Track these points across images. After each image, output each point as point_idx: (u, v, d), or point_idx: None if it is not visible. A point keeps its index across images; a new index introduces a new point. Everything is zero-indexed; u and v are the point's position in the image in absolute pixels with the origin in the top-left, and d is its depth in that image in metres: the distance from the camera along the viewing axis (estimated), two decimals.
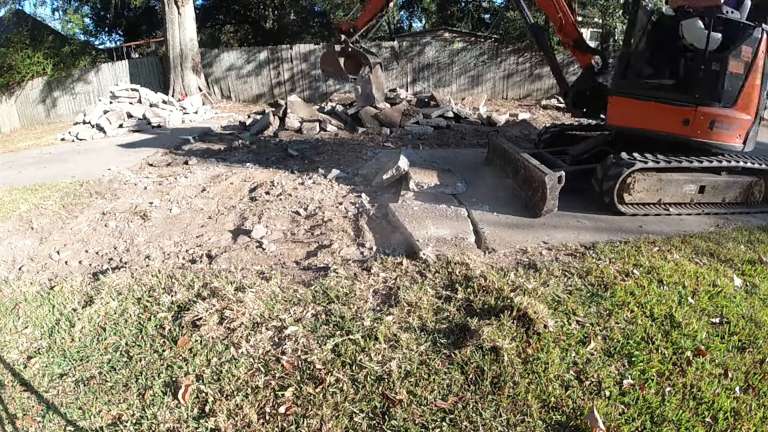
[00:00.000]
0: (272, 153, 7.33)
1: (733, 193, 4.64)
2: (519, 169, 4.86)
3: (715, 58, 4.22)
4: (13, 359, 2.58)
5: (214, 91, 15.25)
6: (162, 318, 2.81)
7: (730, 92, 4.29)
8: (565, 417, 2.08)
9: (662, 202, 4.52)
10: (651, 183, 4.41)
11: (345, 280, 3.15)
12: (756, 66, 4.28)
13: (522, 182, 4.76)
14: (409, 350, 2.46)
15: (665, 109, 4.44)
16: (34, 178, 6.30)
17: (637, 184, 4.37)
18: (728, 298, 2.97)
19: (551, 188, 4.16)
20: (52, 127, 13.42)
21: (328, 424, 2.05)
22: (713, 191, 4.57)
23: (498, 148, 5.64)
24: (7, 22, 17.16)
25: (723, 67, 4.19)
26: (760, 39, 4.23)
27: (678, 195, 4.52)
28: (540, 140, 6.24)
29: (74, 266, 3.70)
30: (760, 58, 4.27)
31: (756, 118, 4.48)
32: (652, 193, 4.46)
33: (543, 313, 2.65)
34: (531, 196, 4.49)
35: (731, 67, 4.21)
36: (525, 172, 4.70)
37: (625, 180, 4.33)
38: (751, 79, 4.30)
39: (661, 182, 4.43)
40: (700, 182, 4.49)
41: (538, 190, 4.33)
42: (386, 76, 15.06)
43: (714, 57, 4.22)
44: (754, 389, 2.26)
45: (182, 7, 13.55)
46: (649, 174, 4.40)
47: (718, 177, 4.57)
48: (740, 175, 4.65)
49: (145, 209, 4.80)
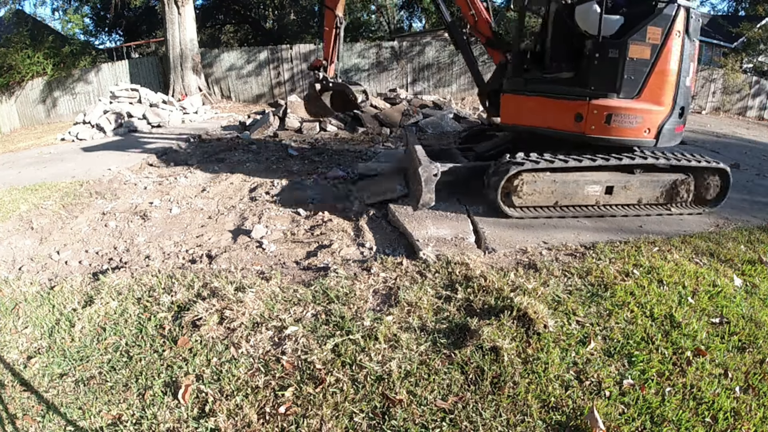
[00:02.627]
0: (272, 153, 7.33)
1: (652, 193, 4.20)
2: (413, 162, 4.56)
3: (612, 44, 3.74)
4: (13, 359, 2.58)
5: (214, 91, 15.26)
6: (162, 318, 2.81)
7: (632, 81, 3.79)
8: (565, 417, 2.08)
9: (560, 204, 4.11)
10: (544, 185, 3.98)
11: (345, 280, 3.15)
12: (668, 49, 3.73)
13: (412, 174, 4.45)
14: (409, 350, 2.46)
15: (557, 105, 4.03)
16: (34, 178, 6.30)
17: (526, 186, 3.96)
18: (728, 298, 2.97)
19: (426, 180, 3.94)
20: (52, 127, 13.43)
21: (328, 424, 2.05)
22: (624, 192, 4.11)
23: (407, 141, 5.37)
24: (7, 22, 17.19)
25: (622, 53, 3.69)
26: (673, 17, 3.68)
27: (580, 197, 4.08)
28: (460, 137, 6.00)
29: (74, 266, 3.70)
30: (673, 39, 3.71)
31: (673, 110, 3.94)
32: (546, 196, 4.04)
33: (543, 313, 2.65)
34: (416, 188, 4.21)
35: (633, 52, 3.69)
36: (413, 164, 4.41)
37: (512, 182, 3.96)
38: (662, 64, 3.76)
39: (556, 183, 4.00)
40: (606, 182, 4.05)
41: (419, 183, 4.07)
42: (386, 77, 15.08)
43: (611, 43, 3.75)
44: (754, 389, 2.26)
45: (182, 7, 13.56)
46: (539, 175, 3.98)
47: (631, 176, 4.14)
48: (661, 173, 4.20)
49: (145, 209, 4.80)
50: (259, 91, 15.35)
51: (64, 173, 6.50)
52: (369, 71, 15.01)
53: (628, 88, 3.81)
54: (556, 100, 4.05)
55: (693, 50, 3.97)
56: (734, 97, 15.76)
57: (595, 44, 3.79)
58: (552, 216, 4.11)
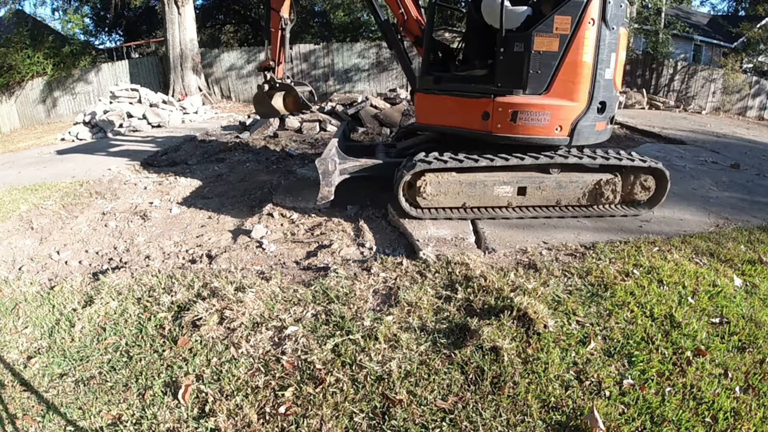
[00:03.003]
0: (272, 153, 7.33)
1: (572, 194, 3.98)
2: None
3: (516, 37, 3.53)
4: (13, 359, 2.58)
5: (214, 91, 15.27)
6: (162, 318, 2.81)
7: (539, 76, 3.56)
8: (565, 417, 2.08)
9: (468, 206, 3.95)
10: (449, 185, 3.82)
11: (345, 280, 3.15)
12: (579, 39, 3.47)
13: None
14: (409, 350, 2.46)
15: (465, 103, 3.85)
16: (34, 178, 6.30)
17: (429, 187, 3.78)
18: (728, 298, 2.97)
19: (323, 173, 3.83)
20: (52, 127, 13.43)
21: (328, 424, 2.05)
22: (539, 193, 3.92)
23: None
24: (7, 22, 17.20)
25: (527, 46, 3.46)
26: (584, 4, 3.42)
27: (489, 198, 3.90)
28: (395, 135, 5.91)
29: (74, 266, 3.70)
30: (584, 29, 3.46)
31: (590, 105, 3.71)
32: (452, 197, 3.87)
33: (543, 313, 2.65)
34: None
35: (538, 44, 3.46)
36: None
37: (414, 183, 3.81)
38: (572, 55, 3.52)
39: (462, 185, 3.82)
40: (518, 183, 3.87)
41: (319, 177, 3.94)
42: (386, 77, 15.09)
43: (516, 36, 3.53)
44: (754, 389, 2.26)
45: (182, 7, 13.56)
46: (443, 175, 3.81)
47: (547, 176, 3.92)
48: (582, 173, 3.99)
49: (145, 209, 4.80)
50: None
51: (64, 173, 6.50)
52: (369, 71, 15.02)
53: (535, 84, 3.59)
54: (464, 99, 3.86)
55: (614, 39, 3.66)
56: (734, 97, 15.76)
57: (499, 38, 3.55)
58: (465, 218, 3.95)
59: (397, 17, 4.93)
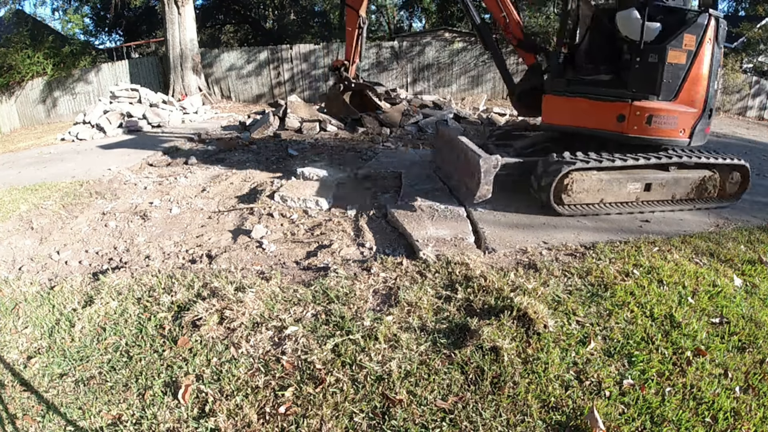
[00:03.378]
0: (272, 153, 7.33)
1: (684, 189, 4.46)
2: (459, 155, 4.68)
3: (652, 49, 3.99)
4: (13, 359, 2.58)
5: (215, 91, 15.26)
6: (162, 318, 2.81)
7: (670, 84, 4.06)
8: (565, 417, 2.08)
9: (605, 201, 4.31)
10: (591, 183, 4.18)
11: (345, 280, 3.15)
12: (701, 55, 4.00)
13: (461, 168, 4.58)
14: (409, 350, 2.46)
15: (599, 106, 4.25)
16: (34, 178, 6.30)
17: (576, 185, 4.14)
18: (728, 298, 2.97)
19: (485, 171, 3.99)
20: (52, 127, 13.43)
21: (328, 424, 2.05)
22: (661, 188, 4.37)
23: (444, 136, 5.44)
24: (7, 22, 17.19)
25: (661, 58, 3.97)
26: (705, 25, 3.96)
27: (622, 194, 4.31)
28: (492, 135, 6.09)
29: (74, 266, 3.70)
30: (705, 46, 4.00)
31: (704, 111, 4.22)
32: (593, 194, 4.24)
33: (543, 313, 2.65)
34: (467, 183, 4.32)
35: (671, 57, 3.96)
36: (464, 157, 4.49)
37: (563, 180, 4.13)
38: (695, 69, 4.05)
39: (602, 182, 4.22)
40: (645, 180, 4.30)
41: (474, 175, 4.14)
42: (386, 77, 15.09)
43: (651, 48, 4.00)
44: (754, 389, 2.26)
45: (182, 7, 13.55)
46: (588, 174, 4.18)
47: (666, 174, 4.37)
48: (691, 171, 4.46)
49: (145, 209, 4.80)
50: (259, 91, 15.34)
51: (64, 173, 6.50)
52: (369, 71, 15.01)
53: (666, 91, 4.07)
54: (598, 102, 4.26)
55: (720, 56, 4.28)
56: (734, 97, 15.75)
57: (636, 49, 4.01)
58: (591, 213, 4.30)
59: (498, 20, 5.19)
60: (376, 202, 4.82)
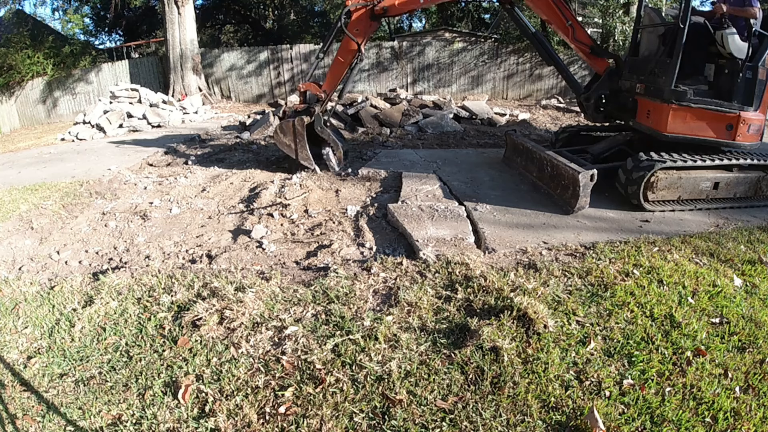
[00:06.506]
0: (272, 153, 7.33)
1: (743, 188, 4.88)
2: (545, 167, 5.08)
3: (749, 67, 4.54)
4: (13, 359, 2.58)
5: (215, 91, 15.25)
6: (162, 318, 2.81)
7: (759, 97, 4.66)
8: (565, 417, 2.08)
9: (681, 198, 4.73)
10: (671, 181, 4.63)
11: (345, 280, 3.15)
12: None
13: (549, 180, 5.00)
14: (409, 350, 2.46)
15: (712, 116, 4.67)
16: (34, 178, 6.30)
17: (660, 183, 4.58)
18: (728, 298, 2.97)
19: (584, 186, 4.33)
20: (52, 127, 13.43)
21: (328, 424, 2.05)
22: (726, 187, 4.80)
23: (519, 146, 5.83)
24: (7, 22, 17.18)
25: (755, 74, 4.56)
26: None
27: (695, 192, 4.74)
28: (557, 139, 6.42)
29: (74, 266, 3.70)
30: None
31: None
32: (673, 191, 4.68)
33: (543, 313, 2.65)
34: (561, 194, 4.70)
35: (761, 74, 4.59)
36: (552, 170, 4.91)
37: (650, 178, 4.54)
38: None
39: (681, 180, 4.65)
40: (715, 179, 4.74)
41: (568, 188, 4.54)
42: (386, 77, 15.09)
43: (749, 66, 4.53)
44: (754, 389, 2.26)
45: (182, 7, 13.54)
46: (670, 173, 4.60)
47: (730, 174, 4.81)
48: (749, 171, 4.91)
49: (145, 209, 4.80)
50: (259, 92, 15.34)
51: (64, 173, 6.50)
52: (369, 71, 15.00)
53: (756, 103, 4.70)
54: (712, 112, 4.69)
55: None
56: None
57: (738, 66, 4.53)
58: (668, 210, 4.67)
59: (564, 32, 5.31)
60: (376, 202, 4.82)
